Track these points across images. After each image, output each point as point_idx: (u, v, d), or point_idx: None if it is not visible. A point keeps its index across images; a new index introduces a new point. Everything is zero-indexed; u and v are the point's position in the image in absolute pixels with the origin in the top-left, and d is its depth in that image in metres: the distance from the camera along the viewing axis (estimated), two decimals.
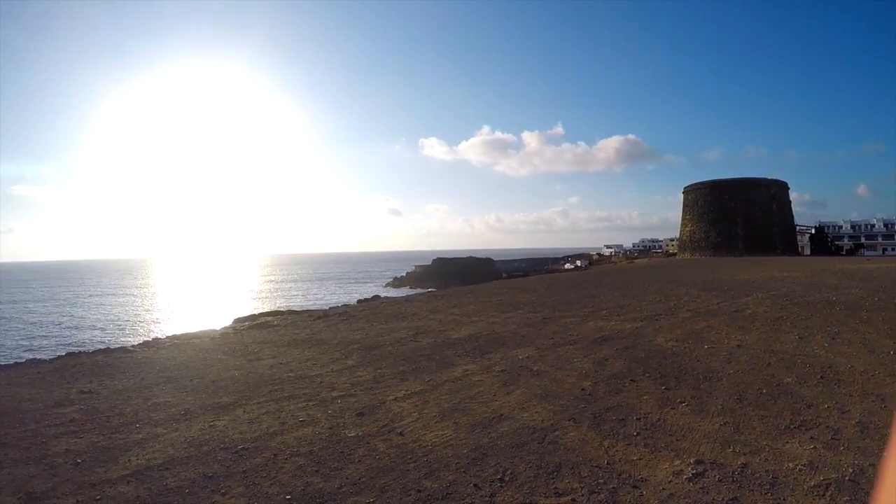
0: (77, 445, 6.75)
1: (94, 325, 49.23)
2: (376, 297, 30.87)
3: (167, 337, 17.72)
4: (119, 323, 50.80)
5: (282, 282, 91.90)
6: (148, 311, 61.68)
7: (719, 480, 5.02)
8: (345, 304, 28.78)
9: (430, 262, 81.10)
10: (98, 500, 5.21)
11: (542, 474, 5.22)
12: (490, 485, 5.03)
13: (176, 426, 7.36)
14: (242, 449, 6.30)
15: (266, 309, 35.71)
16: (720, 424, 6.50)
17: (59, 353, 16.80)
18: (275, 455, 6.06)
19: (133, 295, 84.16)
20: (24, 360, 14.87)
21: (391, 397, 8.11)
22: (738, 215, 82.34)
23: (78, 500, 5.22)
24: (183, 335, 17.54)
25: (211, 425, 7.28)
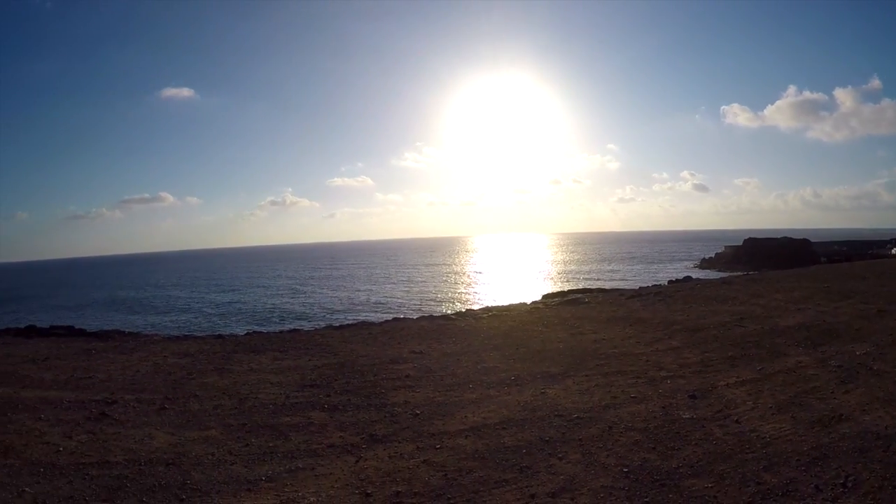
0: (414, 398, 8.11)
1: (405, 295, 55.56)
2: (688, 279, 30.40)
3: (480, 308, 19.57)
4: (429, 295, 56.58)
5: (582, 262, 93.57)
6: (456, 285, 67.56)
7: None
8: (655, 284, 28.81)
9: (739, 243, 75.56)
10: (437, 448, 6.21)
11: (888, 486, 4.88)
12: (832, 489, 4.87)
13: (508, 390, 8.33)
14: (577, 418, 6.93)
15: (570, 287, 37.00)
16: None
17: (385, 318, 19.66)
18: (609, 427, 6.56)
19: (441, 271, 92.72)
20: (355, 322, 17.83)
21: (722, 383, 8.15)
22: None
23: (417, 447, 6.29)
24: (495, 307, 19.32)
25: (542, 392, 8.11)
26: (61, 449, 6.89)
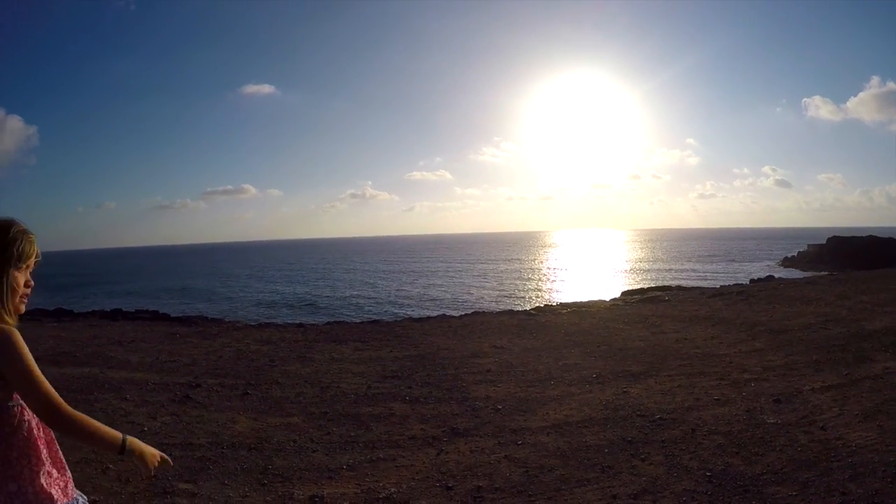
0: (495, 393, 8.12)
1: (483, 289, 55.62)
2: (770, 278, 29.46)
3: (558, 304, 19.51)
4: (508, 289, 56.47)
5: (661, 259, 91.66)
6: (533, 280, 67.28)
7: None
8: (737, 284, 28.10)
9: (822, 241, 72.47)
10: (519, 444, 6.19)
11: None
12: None
13: (589, 388, 8.26)
14: (659, 419, 6.82)
15: (649, 284, 36.42)
16: None
17: (464, 312, 19.76)
18: (692, 430, 6.42)
19: (519, 266, 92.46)
20: (435, 315, 18.01)
21: (807, 387, 7.87)
22: None
23: (499, 442, 6.27)
24: (574, 303, 19.27)
25: (624, 391, 8.02)
26: (146, 429, 7.13)
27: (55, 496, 2.24)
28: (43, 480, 2.21)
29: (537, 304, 26.93)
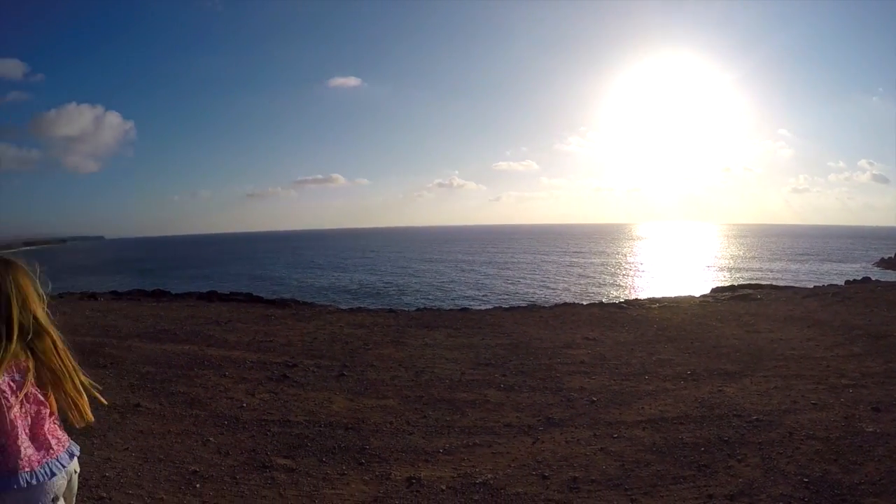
0: (590, 385, 8.12)
1: (570, 280, 55.20)
2: (867, 280, 28.02)
3: (647, 299, 19.30)
4: (594, 281, 55.89)
5: (751, 255, 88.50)
6: (620, 272, 66.32)
7: None
8: (831, 284, 26.98)
9: None
10: (615, 437, 6.18)
11: None
12: None
13: (684, 384, 8.16)
14: (756, 420, 6.67)
15: (739, 281, 35.39)
16: None
17: (555, 302, 19.74)
18: (790, 433, 6.26)
19: (606, 258, 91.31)
20: (525, 305, 18.08)
21: None
22: None
23: (594, 434, 6.28)
24: (663, 298, 19.01)
25: (719, 390, 7.88)
26: (244, 405, 7.43)
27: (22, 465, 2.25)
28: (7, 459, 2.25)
29: (624, 298, 26.66)
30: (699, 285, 32.96)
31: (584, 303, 18.48)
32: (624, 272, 65.81)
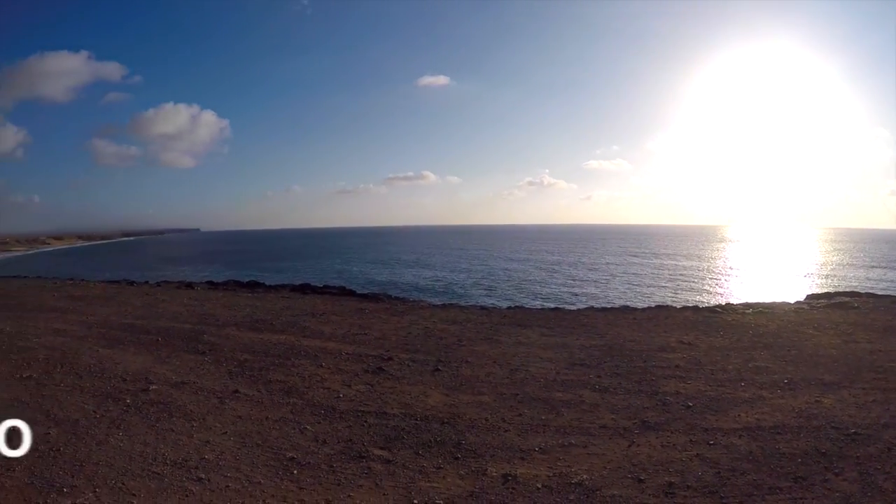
0: (685, 390, 8.06)
1: (660, 282, 54.18)
2: None
3: (740, 304, 18.79)
4: (685, 284, 54.65)
5: (848, 261, 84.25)
6: (711, 276, 64.61)
7: None
8: None
9: None
10: (711, 444, 6.16)
11: None
12: None
13: (781, 393, 7.99)
14: (854, 433, 6.50)
15: (834, 288, 33.90)
16: None
17: (647, 305, 19.54)
18: (888, 448, 6.09)
19: (696, 260, 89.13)
20: (618, 306, 18.00)
21: None
22: None
23: (690, 440, 6.28)
24: (757, 304, 18.40)
25: (817, 400, 7.68)
26: (341, 395, 7.70)
27: None
28: None
29: (716, 302, 26.01)
30: (793, 291, 31.85)
31: (678, 306, 18.21)
32: (715, 275, 64.16)
